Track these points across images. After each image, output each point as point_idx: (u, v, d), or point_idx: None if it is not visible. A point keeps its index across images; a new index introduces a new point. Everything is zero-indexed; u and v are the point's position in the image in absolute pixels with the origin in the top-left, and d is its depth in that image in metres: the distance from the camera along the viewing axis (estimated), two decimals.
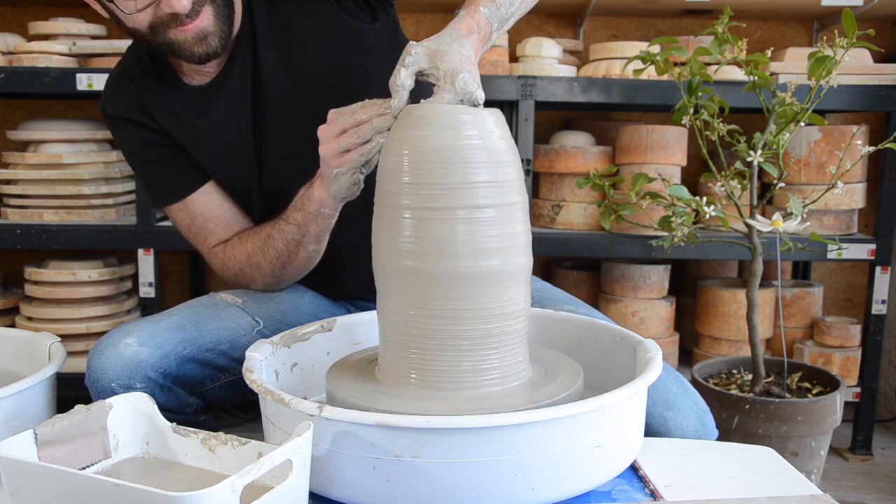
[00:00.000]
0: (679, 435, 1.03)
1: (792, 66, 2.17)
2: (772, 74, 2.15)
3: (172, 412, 1.12)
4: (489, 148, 0.85)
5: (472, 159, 0.84)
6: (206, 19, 1.07)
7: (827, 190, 1.70)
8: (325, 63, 1.19)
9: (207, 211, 1.25)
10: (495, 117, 0.88)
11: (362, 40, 1.21)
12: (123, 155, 1.29)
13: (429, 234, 0.84)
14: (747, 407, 1.71)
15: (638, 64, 1.74)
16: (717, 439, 1.05)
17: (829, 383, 1.85)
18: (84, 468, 0.82)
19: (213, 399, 1.20)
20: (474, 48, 0.97)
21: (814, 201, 1.76)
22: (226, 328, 1.18)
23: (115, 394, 1.04)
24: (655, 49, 1.77)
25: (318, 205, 1.10)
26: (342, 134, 0.98)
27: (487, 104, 0.91)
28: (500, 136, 0.87)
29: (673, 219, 1.71)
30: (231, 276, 1.27)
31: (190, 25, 1.06)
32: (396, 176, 0.86)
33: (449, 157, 0.84)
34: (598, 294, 2.39)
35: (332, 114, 1.00)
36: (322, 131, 1.00)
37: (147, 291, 2.16)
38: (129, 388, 1.05)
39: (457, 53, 0.93)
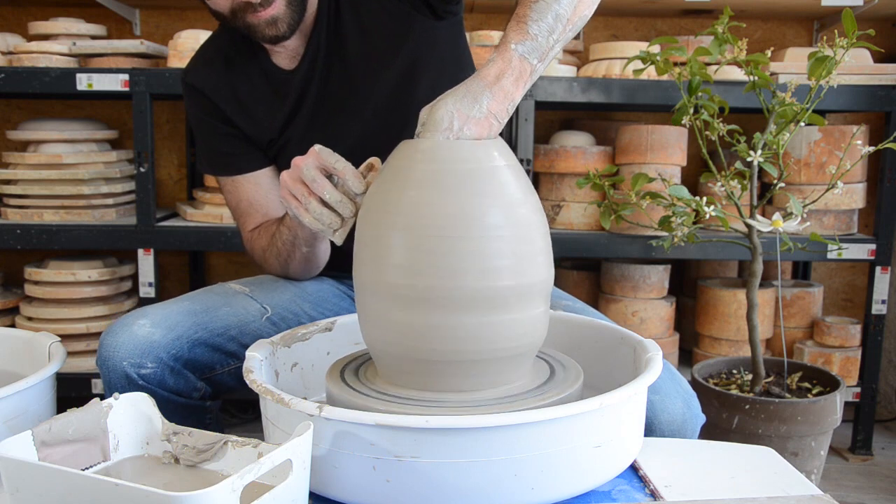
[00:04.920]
0: (666, 418, 1.04)
1: (792, 66, 2.17)
2: (772, 74, 2.15)
3: (181, 395, 1.14)
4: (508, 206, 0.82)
5: (489, 223, 0.81)
6: (278, 8, 1.15)
7: (827, 190, 1.70)
8: (391, 54, 1.24)
9: (252, 197, 1.31)
10: (499, 150, 0.86)
11: (428, 35, 1.25)
12: (188, 119, 1.36)
13: (426, 253, 0.81)
14: (747, 407, 1.71)
15: (638, 64, 1.74)
16: (717, 439, 1.05)
17: (829, 383, 1.85)
18: (84, 469, 0.82)
19: (221, 386, 1.21)
20: (503, 94, 0.90)
21: (814, 201, 1.76)
22: (235, 314, 1.21)
23: (125, 373, 1.08)
24: (655, 49, 1.77)
25: None
26: (300, 183, 0.98)
27: None
28: (514, 181, 0.85)
29: (673, 219, 1.71)
30: (257, 261, 1.34)
31: (263, 13, 1.14)
32: (384, 254, 0.83)
33: (461, 226, 0.81)
34: (598, 294, 2.39)
35: (313, 152, 0.98)
36: (295, 161, 0.99)
37: (147, 291, 2.16)
38: (139, 368, 1.08)
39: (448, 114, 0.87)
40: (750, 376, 1.83)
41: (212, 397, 1.21)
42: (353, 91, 1.25)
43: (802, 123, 1.64)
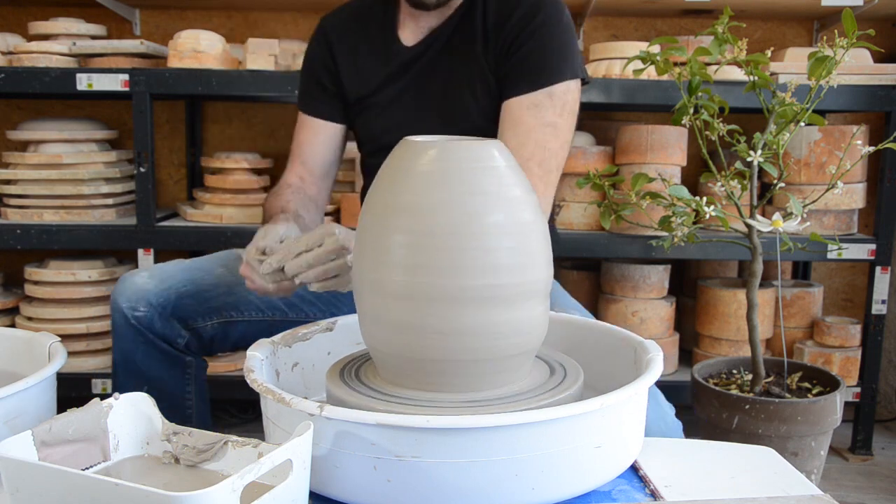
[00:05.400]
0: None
1: (792, 66, 2.17)
2: (772, 74, 2.15)
3: (165, 341, 1.32)
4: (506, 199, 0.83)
5: (489, 222, 0.82)
6: None
7: (827, 190, 1.70)
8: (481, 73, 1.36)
9: (304, 139, 1.46)
10: (499, 150, 0.86)
11: None
12: (305, 53, 1.50)
13: (426, 251, 0.81)
14: (747, 407, 1.71)
15: (638, 64, 1.73)
16: (717, 439, 1.05)
17: (829, 383, 1.85)
18: (84, 469, 0.82)
19: (205, 338, 1.35)
20: None
21: (814, 201, 1.75)
22: (230, 275, 1.36)
23: (123, 313, 1.30)
24: (655, 49, 1.77)
25: None
26: (246, 268, 1.11)
27: None
28: (514, 182, 0.85)
29: (673, 219, 1.71)
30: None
31: None
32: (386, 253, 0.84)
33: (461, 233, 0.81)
34: (598, 294, 2.39)
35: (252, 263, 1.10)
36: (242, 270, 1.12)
37: None
38: (134, 310, 1.29)
39: None
40: (750, 376, 1.83)
41: (197, 351, 1.36)
42: (438, 91, 1.36)
43: (802, 123, 1.64)
